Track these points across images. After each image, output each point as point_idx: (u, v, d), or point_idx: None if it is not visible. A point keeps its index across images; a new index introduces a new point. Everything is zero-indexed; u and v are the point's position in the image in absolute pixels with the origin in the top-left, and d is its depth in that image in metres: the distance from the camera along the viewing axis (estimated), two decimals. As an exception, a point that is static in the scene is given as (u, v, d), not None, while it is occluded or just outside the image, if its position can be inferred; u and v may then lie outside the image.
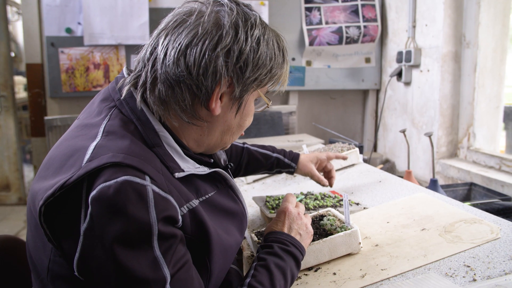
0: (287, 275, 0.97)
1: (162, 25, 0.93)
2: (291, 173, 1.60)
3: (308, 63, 3.29)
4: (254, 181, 2.10)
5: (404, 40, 2.98)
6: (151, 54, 0.91)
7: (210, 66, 0.86)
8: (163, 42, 0.90)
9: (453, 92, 2.67)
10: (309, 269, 1.15)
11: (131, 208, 0.74)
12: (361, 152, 2.47)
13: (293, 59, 3.28)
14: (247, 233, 1.43)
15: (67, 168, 0.80)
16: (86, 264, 0.78)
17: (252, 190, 1.98)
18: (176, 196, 0.83)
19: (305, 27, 3.21)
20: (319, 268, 1.14)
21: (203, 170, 0.95)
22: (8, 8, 5.22)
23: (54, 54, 2.99)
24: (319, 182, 1.58)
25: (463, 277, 0.99)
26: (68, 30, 2.98)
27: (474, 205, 1.77)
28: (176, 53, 0.87)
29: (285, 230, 1.07)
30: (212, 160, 1.06)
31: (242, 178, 2.11)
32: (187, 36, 0.87)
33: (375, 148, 3.48)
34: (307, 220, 1.14)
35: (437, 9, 2.63)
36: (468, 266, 1.03)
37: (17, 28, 6.11)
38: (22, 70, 6.07)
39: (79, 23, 2.98)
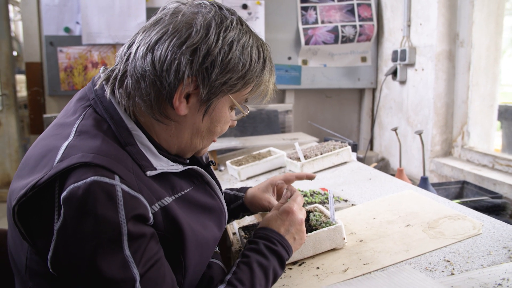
0: (269, 274, 0.97)
1: (145, 23, 0.95)
2: (242, 208, 1.36)
3: (304, 62, 3.31)
4: (248, 178, 2.13)
5: (399, 39, 3.00)
6: (127, 49, 0.93)
7: (174, 63, 0.87)
8: (138, 38, 0.92)
9: (447, 91, 2.69)
10: (294, 263, 1.17)
11: (100, 208, 0.76)
12: (354, 150, 2.50)
13: (289, 58, 3.30)
14: (236, 228, 1.45)
15: (40, 168, 0.82)
16: (59, 261, 0.80)
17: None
18: (146, 194, 0.84)
19: (301, 26, 3.23)
20: (304, 262, 1.17)
21: (177, 168, 0.96)
22: (11, 7, 5.26)
23: (53, 53, 3.02)
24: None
25: (442, 271, 1.01)
26: (67, 30, 3.01)
27: (463, 203, 1.79)
28: (145, 48, 0.89)
29: (282, 231, 1.06)
30: (188, 161, 1.06)
31: (236, 175, 2.13)
32: (158, 33, 0.89)
33: (371, 147, 3.50)
34: (303, 227, 1.11)
35: (431, 8, 2.64)
36: (448, 261, 1.06)
37: (19, 27, 6.15)
38: (24, 69, 6.11)
39: (77, 23, 3.01)
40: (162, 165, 0.93)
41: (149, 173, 0.88)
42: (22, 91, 5.23)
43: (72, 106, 0.97)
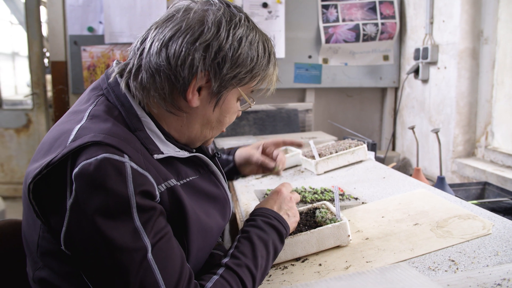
0: (269, 246, 1.02)
1: (156, 20, 0.99)
2: (234, 171, 1.50)
3: (325, 60, 3.28)
4: (263, 176, 2.12)
5: (422, 37, 2.94)
6: (141, 44, 0.97)
7: (188, 59, 0.91)
8: (151, 34, 0.96)
9: (470, 90, 2.62)
10: (297, 259, 1.16)
11: (110, 182, 0.80)
12: (373, 149, 2.46)
13: (310, 56, 3.28)
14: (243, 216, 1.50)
15: (54, 149, 0.87)
16: (71, 237, 0.83)
17: (259, 184, 2.00)
18: (154, 174, 0.88)
19: (321, 25, 3.21)
20: (307, 259, 1.16)
21: (183, 153, 1.01)
22: (43, 9, 5.43)
23: (76, 52, 3.10)
24: (263, 165, 1.45)
25: (445, 271, 0.98)
26: (90, 29, 3.09)
27: (480, 204, 1.74)
28: (160, 44, 0.93)
29: (275, 208, 1.13)
30: (195, 150, 1.10)
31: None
32: (172, 29, 0.94)
33: (393, 147, 3.44)
34: (296, 207, 1.21)
35: (455, 4, 2.58)
36: (453, 261, 1.03)
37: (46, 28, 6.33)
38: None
39: (100, 22, 3.08)
40: (169, 150, 0.98)
41: (156, 156, 0.92)
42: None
43: (86, 95, 1.02)
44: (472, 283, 0.84)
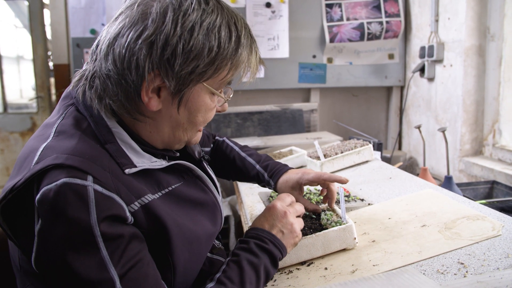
0: (260, 272, 0.95)
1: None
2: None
3: (330, 60, 3.26)
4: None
5: (427, 35, 2.90)
6: (96, 47, 0.90)
7: (133, 60, 0.82)
8: (103, 34, 0.89)
9: (477, 87, 2.58)
10: (302, 263, 1.14)
11: (70, 211, 0.75)
12: (379, 149, 2.44)
13: (314, 56, 3.25)
14: (249, 222, 1.46)
15: (22, 170, 0.83)
16: (41, 263, 0.80)
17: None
18: (124, 193, 0.82)
19: (325, 24, 3.18)
20: (312, 262, 1.14)
21: (160, 163, 0.93)
22: (47, 12, 5.43)
23: (79, 55, 3.09)
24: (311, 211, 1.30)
25: (455, 274, 0.96)
26: (93, 31, 3.08)
27: (488, 203, 1.71)
28: (106, 46, 0.85)
29: (266, 227, 1.04)
30: (178, 154, 1.04)
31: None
32: (117, 27, 0.85)
33: (399, 146, 3.41)
34: (296, 221, 1.08)
35: (460, 1, 2.54)
36: (462, 263, 1.00)
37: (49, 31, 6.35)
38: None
39: (102, 24, 3.07)
40: (144, 161, 0.90)
41: (127, 171, 0.85)
42: (56, 94, 5.38)
43: (58, 105, 0.96)
44: (483, 288, 0.81)
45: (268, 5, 3.14)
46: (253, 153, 1.46)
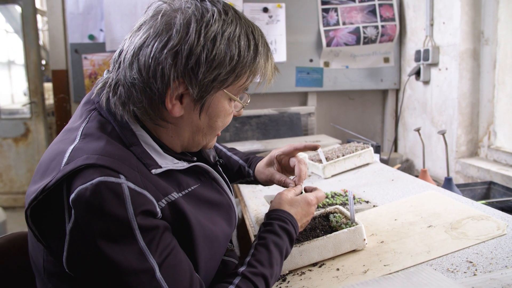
0: (283, 252, 1.02)
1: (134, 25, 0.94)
2: (253, 182, 1.44)
3: (326, 64, 3.30)
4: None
5: (422, 39, 2.95)
6: (119, 55, 0.93)
7: (158, 69, 0.86)
8: (126, 44, 0.91)
9: (472, 90, 2.63)
10: (314, 265, 1.16)
11: (108, 207, 0.78)
12: (378, 152, 2.47)
13: (311, 60, 3.29)
14: (255, 225, 1.48)
15: (49, 172, 0.84)
16: (74, 261, 0.82)
17: (267, 190, 2.00)
18: (152, 191, 0.85)
19: (322, 28, 3.22)
20: (324, 264, 1.16)
21: (182, 165, 0.97)
22: (39, 17, 5.42)
23: (78, 60, 3.09)
24: (285, 186, 1.29)
25: (464, 272, 0.99)
26: (91, 37, 3.08)
27: (489, 204, 1.75)
28: (131, 55, 0.88)
29: (286, 208, 1.11)
30: (195, 158, 1.07)
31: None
32: (141, 38, 0.88)
33: (395, 148, 3.46)
34: (314, 210, 1.17)
35: (454, 6, 2.60)
36: (471, 262, 1.03)
37: (47, 37, 6.32)
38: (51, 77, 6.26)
39: (101, 30, 3.08)
40: (167, 163, 0.94)
41: (154, 171, 0.89)
42: (50, 99, 5.37)
43: (79, 111, 0.99)
44: (497, 285, 0.85)
45: (265, 10, 3.17)
46: (238, 153, 1.52)
